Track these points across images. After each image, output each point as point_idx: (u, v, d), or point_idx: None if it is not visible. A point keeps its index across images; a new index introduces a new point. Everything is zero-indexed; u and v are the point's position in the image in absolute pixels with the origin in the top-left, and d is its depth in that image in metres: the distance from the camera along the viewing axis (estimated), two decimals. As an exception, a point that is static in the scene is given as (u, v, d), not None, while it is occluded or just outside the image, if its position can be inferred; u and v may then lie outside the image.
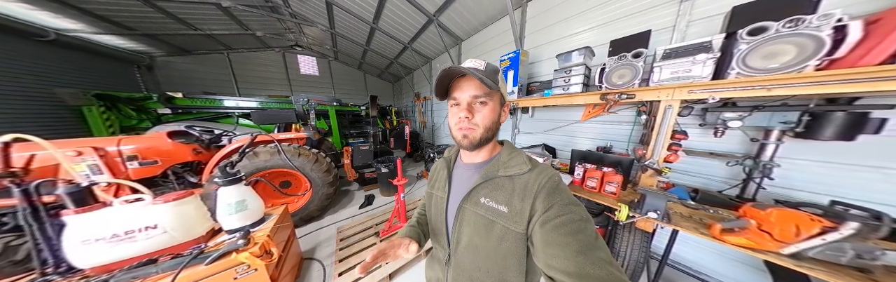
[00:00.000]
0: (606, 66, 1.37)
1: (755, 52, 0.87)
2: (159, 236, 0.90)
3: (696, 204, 1.07)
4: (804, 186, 1.04)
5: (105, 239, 0.82)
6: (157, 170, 1.70)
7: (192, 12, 3.62)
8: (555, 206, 0.37)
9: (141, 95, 2.92)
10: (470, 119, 0.41)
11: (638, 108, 1.46)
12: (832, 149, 0.95)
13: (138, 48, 4.26)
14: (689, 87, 1.04)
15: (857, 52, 0.74)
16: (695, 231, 0.88)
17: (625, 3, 1.58)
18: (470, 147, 0.44)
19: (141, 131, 2.89)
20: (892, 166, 0.87)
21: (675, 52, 1.07)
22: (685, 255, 1.46)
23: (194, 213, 1.01)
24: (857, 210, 0.75)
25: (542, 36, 2.23)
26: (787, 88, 0.81)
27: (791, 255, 0.72)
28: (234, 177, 1.05)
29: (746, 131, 1.14)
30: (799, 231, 0.70)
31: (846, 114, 0.85)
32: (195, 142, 1.96)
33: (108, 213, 0.85)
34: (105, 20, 3.34)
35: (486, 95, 0.40)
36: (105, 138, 1.56)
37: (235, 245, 0.93)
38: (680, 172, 1.38)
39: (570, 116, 2.02)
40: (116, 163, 1.52)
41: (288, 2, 3.60)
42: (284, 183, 2.26)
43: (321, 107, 3.50)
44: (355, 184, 3.29)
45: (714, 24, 1.21)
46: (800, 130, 0.93)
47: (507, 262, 0.43)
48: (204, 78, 5.25)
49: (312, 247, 1.82)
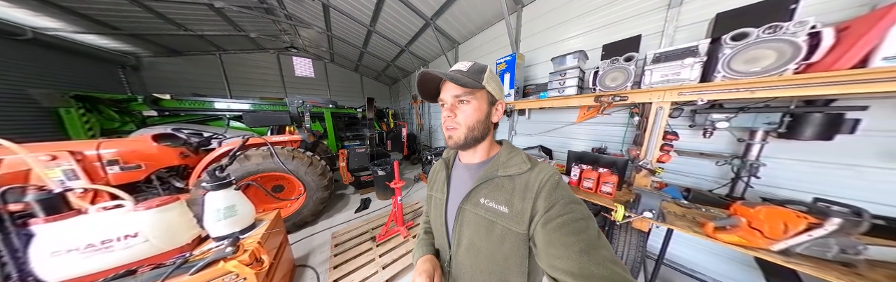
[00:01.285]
0: (600, 70, 1.41)
1: (739, 57, 0.92)
2: (140, 246, 0.85)
3: (689, 203, 1.10)
4: (789, 184, 1.08)
5: (78, 250, 0.76)
6: (141, 175, 1.62)
7: (184, 13, 3.54)
8: (556, 205, 0.37)
9: (125, 97, 2.80)
10: (453, 118, 0.41)
11: (631, 109, 1.50)
12: (813, 148, 1.00)
13: (123, 48, 4.10)
14: (678, 89, 1.08)
15: (830, 57, 0.79)
16: (689, 230, 0.89)
17: (615, 9, 1.64)
18: (456, 146, 0.44)
19: (124, 134, 2.76)
20: (866, 164, 0.91)
21: (664, 56, 1.12)
22: (679, 254, 1.48)
23: (179, 219, 0.96)
24: (839, 207, 0.78)
25: (537, 40, 2.29)
26: (768, 90, 0.86)
27: (780, 251, 0.74)
28: (223, 181, 1.01)
29: (733, 132, 1.18)
30: (787, 228, 0.73)
31: (823, 115, 0.90)
32: (183, 145, 1.88)
33: (82, 221, 0.80)
34: (88, 19, 3.21)
35: (466, 94, 0.41)
36: (83, 142, 1.48)
37: (223, 253, 0.88)
38: (672, 172, 1.42)
39: (565, 118, 2.05)
40: (95, 168, 1.44)
41: (283, 3, 3.57)
42: (277, 187, 2.19)
43: (316, 109, 3.45)
44: (351, 187, 3.22)
45: (700, 29, 1.27)
46: (782, 131, 0.98)
47: (508, 263, 0.42)
48: (194, 79, 5.10)
49: (306, 253, 1.75)
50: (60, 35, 3.20)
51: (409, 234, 1.88)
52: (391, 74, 6.52)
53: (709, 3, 1.24)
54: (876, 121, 0.87)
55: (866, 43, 0.71)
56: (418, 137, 5.54)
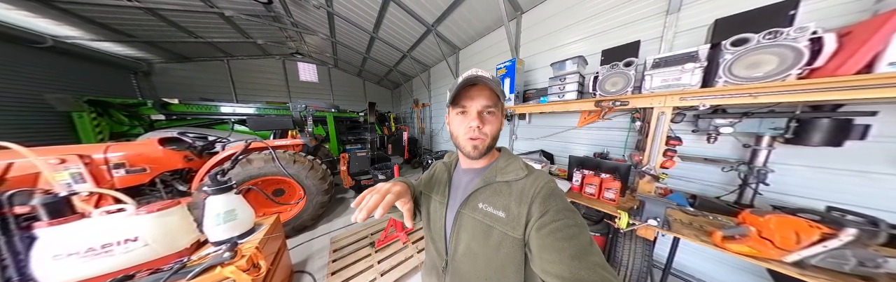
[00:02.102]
0: (599, 75, 1.41)
1: (739, 62, 0.91)
2: (139, 250, 0.85)
3: (695, 210, 1.06)
4: (799, 191, 1.05)
5: (79, 254, 0.77)
6: (145, 178, 1.64)
7: (195, 21, 3.69)
8: (550, 211, 0.37)
9: (135, 102, 2.88)
10: (481, 129, 0.41)
11: (632, 114, 1.49)
12: (822, 155, 0.97)
13: (137, 55, 4.27)
14: (679, 94, 1.07)
15: (834, 62, 0.78)
16: (696, 239, 0.86)
17: (614, 15, 1.66)
18: (479, 156, 0.44)
19: (132, 138, 2.82)
20: (878, 171, 0.88)
21: (664, 61, 1.12)
22: (688, 263, 1.42)
23: (179, 223, 0.96)
24: (853, 216, 0.75)
25: (536, 45, 2.31)
26: (771, 95, 0.84)
27: (794, 263, 0.71)
28: (224, 185, 1.02)
29: (738, 137, 1.16)
30: (799, 238, 0.70)
31: (831, 120, 0.87)
32: (187, 149, 1.91)
33: (85, 225, 0.81)
34: (106, 28, 3.37)
35: (494, 106, 0.42)
36: (92, 145, 1.51)
37: (221, 258, 0.88)
38: (677, 178, 1.39)
39: (566, 123, 2.04)
40: (101, 171, 1.47)
41: (290, 11, 3.70)
42: (277, 191, 2.20)
43: (319, 113, 3.50)
44: (351, 191, 3.21)
45: (699, 35, 1.28)
46: (789, 136, 0.95)
47: (505, 269, 0.42)
48: (202, 84, 5.24)
49: (304, 259, 1.73)
50: (78, 43, 3.35)
51: (409, 240, 1.85)
52: (393, 79, 6.62)
53: (707, 8, 1.25)
54: (886, 127, 0.85)
55: (870, 48, 0.71)
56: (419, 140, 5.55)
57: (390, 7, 2.93)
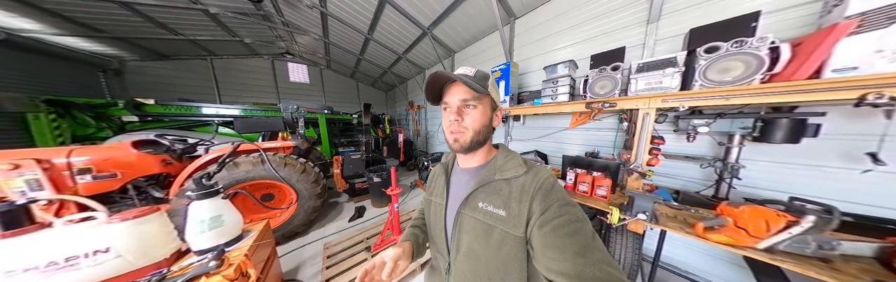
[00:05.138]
0: (589, 78, 1.49)
1: (712, 67, 1.00)
2: (111, 262, 0.77)
3: (679, 205, 1.14)
4: (766, 184, 1.15)
5: (38, 268, 0.69)
6: (116, 184, 1.50)
7: (177, 17, 3.48)
8: (552, 207, 0.37)
9: (103, 102, 2.65)
10: (460, 122, 0.42)
11: (620, 115, 1.58)
12: (784, 151, 1.08)
13: (107, 51, 3.94)
14: (661, 96, 1.16)
15: (789, 68, 0.88)
16: (680, 231, 0.92)
17: (601, 23, 1.77)
18: (462, 150, 0.44)
19: (98, 141, 2.58)
20: (830, 165, 1.00)
21: (646, 66, 1.21)
22: (674, 256, 1.51)
23: (157, 232, 0.89)
24: (812, 205, 0.84)
25: (530, 49, 2.41)
26: (740, 97, 0.94)
27: (765, 249, 0.77)
28: (210, 189, 0.96)
29: (713, 136, 1.26)
30: (769, 226, 0.77)
31: (789, 120, 0.98)
32: (166, 152, 1.78)
33: (45, 236, 0.73)
34: (71, 22, 3.09)
35: (474, 99, 0.41)
36: (53, 149, 1.37)
37: (206, 268, 0.82)
38: (661, 175, 1.48)
39: (558, 124, 2.12)
40: (63, 177, 1.33)
41: (281, 10, 3.60)
42: (266, 196, 2.09)
43: (311, 115, 3.39)
44: (345, 195, 3.12)
45: (677, 42, 1.39)
46: (756, 135, 1.06)
47: (507, 268, 0.42)
48: (181, 84, 4.92)
49: (295, 266, 1.65)
50: (37, 37, 3.06)
51: (406, 242, 1.82)
52: (388, 81, 6.58)
53: (682, 19, 1.37)
54: (834, 125, 0.97)
55: (817, 57, 0.81)
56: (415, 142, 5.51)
57: (386, 9, 2.94)
